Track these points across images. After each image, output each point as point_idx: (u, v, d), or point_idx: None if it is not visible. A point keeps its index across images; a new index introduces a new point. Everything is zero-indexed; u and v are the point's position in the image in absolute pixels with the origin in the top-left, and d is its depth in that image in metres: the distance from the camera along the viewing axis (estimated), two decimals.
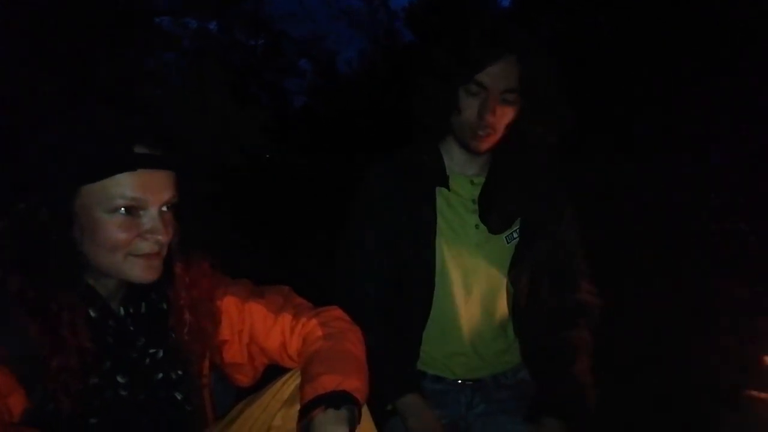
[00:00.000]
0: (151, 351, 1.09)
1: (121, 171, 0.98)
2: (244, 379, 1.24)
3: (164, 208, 1.03)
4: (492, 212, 1.50)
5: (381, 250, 1.52)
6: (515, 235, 1.53)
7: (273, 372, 1.20)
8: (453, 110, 1.44)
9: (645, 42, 4.28)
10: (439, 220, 1.51)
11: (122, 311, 1.09)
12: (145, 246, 1.02)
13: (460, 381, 1.54)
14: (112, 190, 0.97)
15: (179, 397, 1.11)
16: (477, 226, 1.51)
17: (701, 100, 3.71)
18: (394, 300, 1.52)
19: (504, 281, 1.53)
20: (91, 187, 0.97)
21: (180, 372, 1.12)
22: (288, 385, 1.12)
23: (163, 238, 1.02)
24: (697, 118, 3.72)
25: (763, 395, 1.75)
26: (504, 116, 1.42)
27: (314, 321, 1.16)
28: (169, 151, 1.03)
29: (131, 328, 1.08)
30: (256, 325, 1.18)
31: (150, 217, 1.01)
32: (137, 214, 1.00)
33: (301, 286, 1.29)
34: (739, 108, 3.52)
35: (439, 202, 1.52)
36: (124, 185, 0.98)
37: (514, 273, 1.52)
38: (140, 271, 1.03)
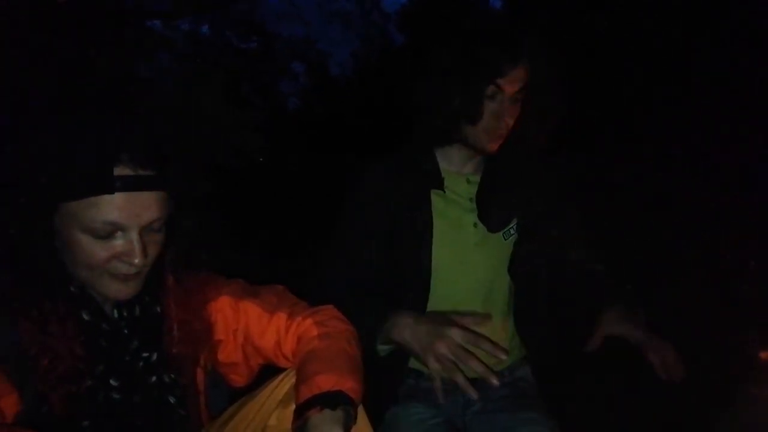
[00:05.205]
0: (145, 355, 1.08)
1: (98, 193, 0.94)
2: (239, 379, 1.23)
3: (149, 228, 1.01)
4: (490, 210, 1.50)
5: (367, 251, 1.50)
6: (512, 231, 1.53)
7: (268, 372, 1.19)
8: (473, 114, 1.41)
9: (648, 35, 4.26)
10: (437, 221, 1.49)
11: (116, 314, 1.08)
12: (122, 267, 1.00)
13: None
14: (89, 211, 0.95)
15: (172, 401, 1.10)
16: (475, 225, 1.51)
17: (708, 96, 3.71)
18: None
19: (504, 278, 1.52)
20: (69, 204, 0.95)
21: (173, 375, 1.11)
22: (283, 385, 1.11)
23: (139, 261, 0.99)
24: (703, 114, 3.72)
25: (760, 392, 1.75)
26: (515, 116, 1.43)
27: (309, 320, 1.15)
28: (156, 170, 1.00)
29: (125, 332, 1.07)
30: (250, 324, 1.17)
31: (127, 240, 0.99)
32: (114, 235, 0.98)
33: (295, 286, 1.27)
34: (745, 104, 3.52)
35: (436, 202, 1.51)
36: (102, 208, 0.95)
37: (513, 270, 1.51)
38: (115, 291, 1.02)
